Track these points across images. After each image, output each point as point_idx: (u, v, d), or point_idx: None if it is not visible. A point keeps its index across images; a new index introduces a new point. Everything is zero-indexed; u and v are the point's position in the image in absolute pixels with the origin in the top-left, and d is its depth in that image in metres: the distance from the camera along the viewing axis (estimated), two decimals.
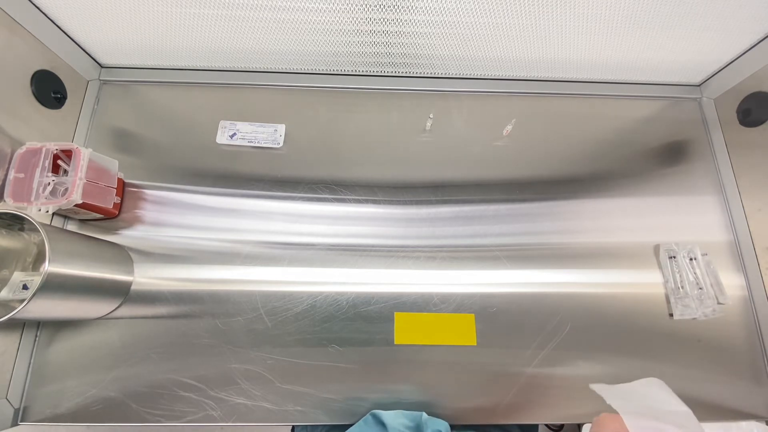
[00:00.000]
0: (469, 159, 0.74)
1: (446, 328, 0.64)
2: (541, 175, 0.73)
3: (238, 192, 0.70)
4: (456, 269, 0.67)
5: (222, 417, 0.59)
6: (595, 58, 0.73)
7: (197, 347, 0.62)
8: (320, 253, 0.67)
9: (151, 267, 0.65)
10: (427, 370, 0.62)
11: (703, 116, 0.79)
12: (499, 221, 0.70)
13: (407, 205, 0.70)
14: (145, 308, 0.63)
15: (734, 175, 0.73)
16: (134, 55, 0.75)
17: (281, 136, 0.73)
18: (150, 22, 0.66)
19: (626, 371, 0.63)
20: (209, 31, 0.68)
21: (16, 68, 0.61)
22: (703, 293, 0.65)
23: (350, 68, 0.77)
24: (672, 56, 0.73)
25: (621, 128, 0.77)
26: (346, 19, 0.65)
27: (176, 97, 0.77)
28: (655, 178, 0.74)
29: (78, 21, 0.66)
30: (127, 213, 0.68)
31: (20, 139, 0.59)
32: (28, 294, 0.48)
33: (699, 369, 0.64)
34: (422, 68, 0.77)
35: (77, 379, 0.60)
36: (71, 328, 0.62)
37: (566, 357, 0.63)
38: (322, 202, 0.70)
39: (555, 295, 0.66)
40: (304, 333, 0.63)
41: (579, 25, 0.65)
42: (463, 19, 0.64)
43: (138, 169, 0.70)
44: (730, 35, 0.67)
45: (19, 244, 0.59)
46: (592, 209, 0.72)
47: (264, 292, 0.65)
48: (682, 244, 0.68)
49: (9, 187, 0.56)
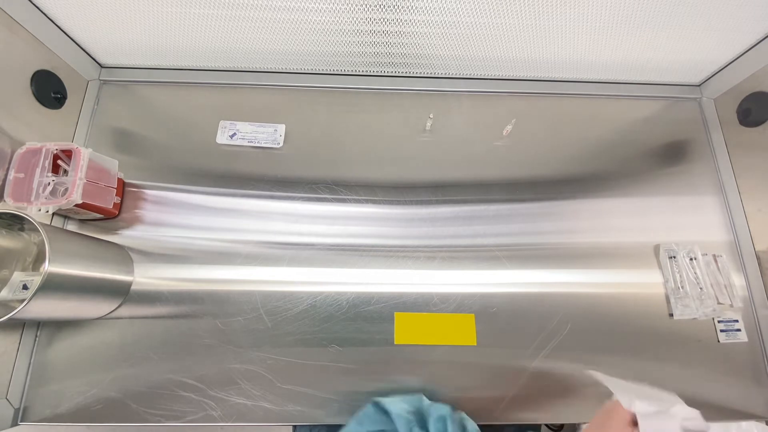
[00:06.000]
0: (469, 159, 0.74)
1: (446, 328, 0.64)
2: (540, 175, 0.73)
3: (238, 192, 0.70)
4: (456, 269, 0.67)
5: (222, 417, 0.59)
6: (595, 58, 0.73)
7: (197, 347, 0.62)
8: (320, 253, 0.67)
9: (151, 267, 0.65)
10: (427, 370, 0.62)
11: (703, 116, 0.79)
12: (499, 221, 0.70)
13: (407, 205, 0.70)
14: (145, 308, 0.63)
15: (734, 175, 0.73)
16: (134, 55, 0.75)
17: (281, 136, 0.73)
18: (150, 21, 0.66)
19: (626, 371, 0.63)
20: (209, 31, 0.68)
21: (16, 68, 0.61)
22: (703, 293, 0.65)
23: (350, 68, 0.77)
24: (672, 56, 0.73)
25: (621, 128, 0.77)
26: (346, 19, 0.65)
27: (176, 97, 0.77)
28: (655, 178, 0.74)
29: (78, 21, 0.66)
30: (127, 213, 0.68)
31: (20, 139, 0.59)
32: (28, 294, 0.48)
33: (699, 369, 0.64)
34: (422, 68, 0.77)
35: (77, 379, 0.60)
36: (71, 328, 0.62)
37: (566, 357, 0.63)
38: (322, 202, 0.70)
39: (555, 295, 0.66)
40: (304, 333, 0.63)
41: (579, 25, 0.65)
42: (463, 19, 0.64)
43: (138, 169, 0.70)
44: (730, 35, 0.67)
45: (19, 244, 0.59)
46: (592, 209, 0.72)
47: (264, 292, 0.65)
48: (682, 244, 0.68)
49: (9, 187, 0.56)
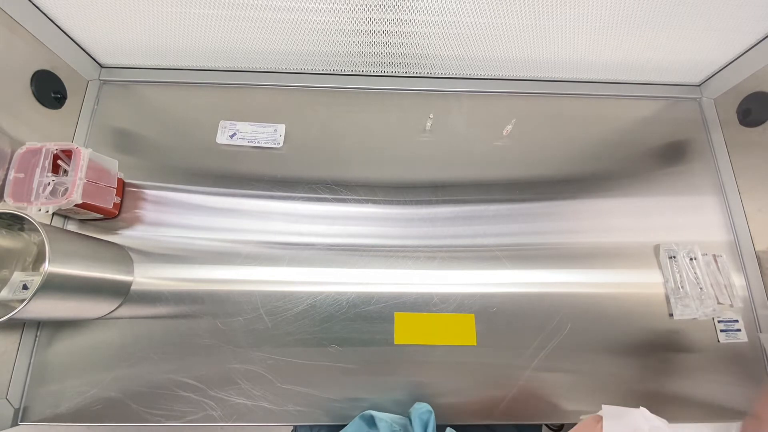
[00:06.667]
0: (469, 159, 0.74)
1: (446, 328, 0.64)
2: (541, 175, 0.73)
3: (238, 192, 0.70)
4: (456, 269, 0.67)
5: (222, 417, 0.59)
6: (595, 58, 0.73)
7: (197, 347, 0.62)
8: (320, 253, 0.67)
9: (151, 267, 0.65)
10: (427, 370, 0.62)
11: (703, 116, 0.79)
12: (499, 221, 0.70)
13: (407, 205, 0.70)
14: (145, 308, 0.63)
15: (734, 175, 0.73)
16: (134, 55, 0.74)
17: (281, 136, 0.73)
18: (150, 21, 0.66)
19: (626, 371, 0.63)
20: (209, 31, 0.68)
21: (16, 68, 0.61)
22: (703, 293, 0.65)
23: (350, 68, 0.77)
24: (672, 56, 0.73)
25: (621, 128, 0.77)
26: (346, 19, 0.65)
27: (176, 97, 0.77)
28: (655, 178, 0.74)
29: (78, 21, 0.66)
30: (127, 213, 0.68)
31: (20, 139, 0.59)
32: (28, 294, 0.48)
33: (699, 369, 0.64)
34: (422, 68, 0.77)
35: (77, 379, 0.60)
36: (71, 328, 0.62)
37: (566, 357, 0.63)
38: (322, 202, 0.70)
39: (555, 295, 0.66)
40: (304, 333, 0.63)
41: (579, 25, 0.65)
42: (463, 19, 0.64)
43: (138, 169, 0.70)
44: (730, 35, 0.67)
45: (19, 244, 0.59)
46: (592, 209, 0.72)
47: (264, 292, 0.65)
48: (682, 244, 0.68)
49: (9, 187, 0.56)
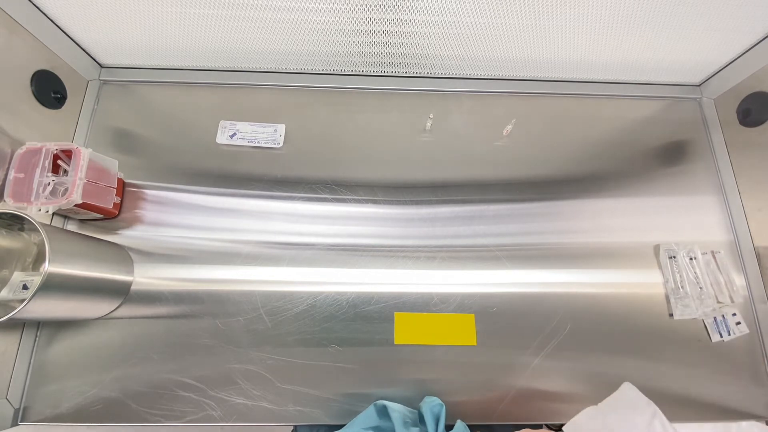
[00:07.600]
0: (469, 159, 0.74)
1: (446, 328, 0.64)
2: (540, 175, 0.73)
3: (238, 192, 0.70)
4: (456, 269, 0.67)
5: (222, 417, 0.59)
6: (595, 58, 0.73)
7: (197, 347, 0.62)
8: (320, 253, 0.67)
9: (151, 267, 0.65)
10: (427, 370, 0.62)
11: (703, 116, 0.79)
12: (499, 221, 0.70)
13: (407, 205, 0.70)
14: (145, 308, 0.63)
15: (734, 175, 0.73)
16: (134, 55, 0.74)
17: (281, 136, 0.73)
18: (150, 22, 0.66)
19: (626, 371, 0.63)
20: (209, 31, 0.68)
21: (16, 68, 0.61)
22: (703, 293, 0.65)
23: (350, 68, 0.77)
24: (672, 56, 0.73)
25: (621, 128, 0.77)
26: (346, 19, 0.65)
27: (176, 97, 0.77)
28: (655, 178, 0.74)
29: (78, 21, 0.66)
30: (127, 213, 0.68)
31: (20, 139, 0.59)
32: (28, 294, 0.48)
33: (699, 369, 0.64)
34: (422, 68, 0.77)
35: (77, 379, 0.60)
36: (71, 328, 0.62)
37: (566, 357, 0.63)
38: (322, 202, 0.70)
39: (555, 295, 0.66)
40: (304, 333, 0.63)
41: (579, 25, 0.65)
42: (463, 19, 0.64)
43: (138, 169, 0.70)
44: (730, 35, 0.67)
45: (19, 244, 0.59)
46: (592, 209, 0.72)
47: (264, 292, 0.65)
48: (682, 244, 0.68)
49: (9, 187, 0.56)
